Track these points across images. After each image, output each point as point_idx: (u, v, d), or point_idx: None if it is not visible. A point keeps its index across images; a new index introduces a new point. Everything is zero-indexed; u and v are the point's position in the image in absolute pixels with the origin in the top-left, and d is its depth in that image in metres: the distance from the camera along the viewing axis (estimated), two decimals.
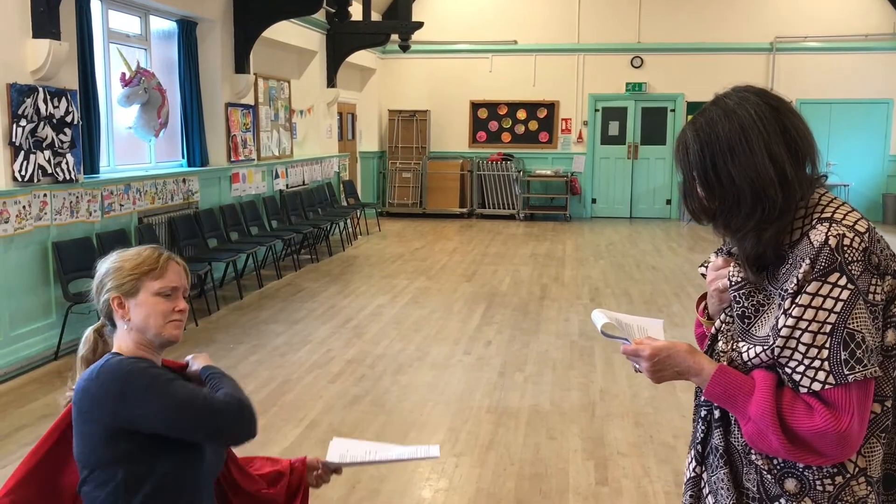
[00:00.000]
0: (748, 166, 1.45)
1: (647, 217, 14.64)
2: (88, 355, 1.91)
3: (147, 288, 1.82)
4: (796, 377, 1.41)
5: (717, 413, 1.59)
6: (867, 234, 1.43)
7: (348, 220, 11.46)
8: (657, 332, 1.68)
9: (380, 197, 14.87)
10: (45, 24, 5.54)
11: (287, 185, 10.21)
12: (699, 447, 1.64)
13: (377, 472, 3.83)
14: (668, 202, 14.62)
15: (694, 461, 1.65)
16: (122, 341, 1.85)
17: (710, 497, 1.61)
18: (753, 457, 1.52)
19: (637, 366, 1.59)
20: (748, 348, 1.50)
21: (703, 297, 1.73)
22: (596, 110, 14.58)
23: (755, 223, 1.46)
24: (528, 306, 7.39)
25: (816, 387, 1.39)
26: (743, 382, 1.48)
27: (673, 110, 14.37)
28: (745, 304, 1.54)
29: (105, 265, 1.88)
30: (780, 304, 1.47)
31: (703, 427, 1.63)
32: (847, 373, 1.38)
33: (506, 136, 14.86)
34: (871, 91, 13.69)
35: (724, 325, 1.60)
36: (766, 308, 1.52)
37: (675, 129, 14.32)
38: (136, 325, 1.82)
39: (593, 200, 14.84)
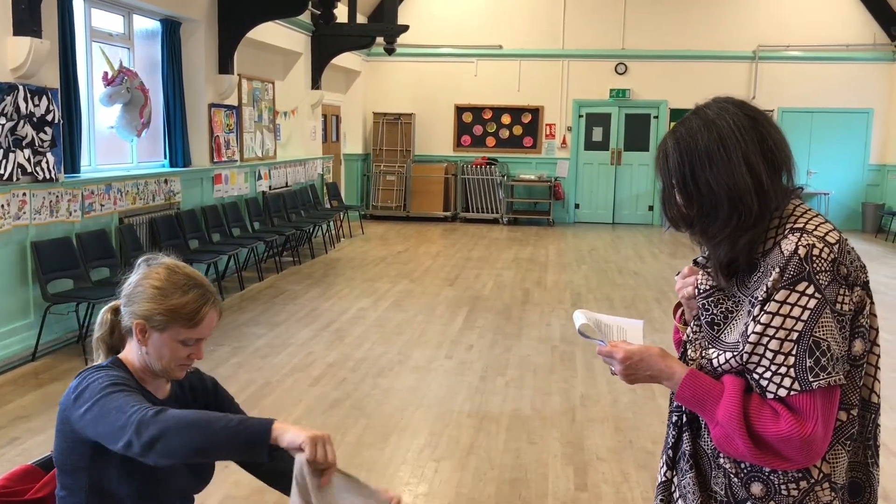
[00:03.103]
0: (725, 175, 1.48)
1: (629, 223, 14.71)
2: (106, 337, 1.85)
3: (175, 333, 1.74)
4: (763, 383, 1.44)
5: (685, 418, 1.62)
6: (837, 246, 1.46)
7: (331, 223, 11.42)
8: (636, 333, 1.70)
9: (363, 199, 14.85)
10: (26, 21, 5.49)
11: (270, 187, 10.17)
12: (670, 452, 1.67)
13: (357, 476, 3.81)
14: (651, 208, 14.70)
15: (665, 466, 1.68)
16: (132, 355, 1.81)
17: (679, 501, 1.63)
18: (722, 460, 1.55)
19: (612, 368, 1.62)
20: (718, 354, 1.53)
21: (680, 303, 1.75)
22: (580, 116, 14.64)
23: (731, 231, 1.49)
24: (511, 310, 7.41)
25: (782, 393, 1.42)
26: (712, 387, 1.51)
27: (656, 117, 14.46)
28: (714, 312, 1.57)
29: (147, 281, 1.77)
30: (749, 311, 1.50)
31: (674, 432, 1.66)
32: (812, 380, 1.40)
33: (490, 141, 14.88)
34: (852, 100, 13.85)
35: (692, 333, 1.63)
36: (734, 315, 1.54)
37: (659, 136, 14.41)
38: (149, 356, 1.77)
39: (576, 205, 14.90)
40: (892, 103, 13.80)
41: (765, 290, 1.45)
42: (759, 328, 1.44)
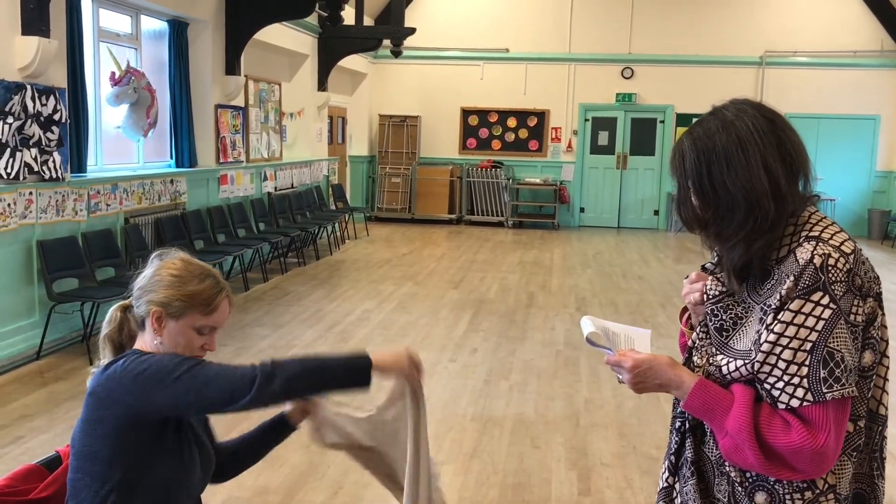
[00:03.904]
0: (743, 177, 1.46)
1: (634, 227, 14.69)
2: (114, 335, 1.87)
3: (191, 319, 1.79)
4: (775, 393, 1.42)
5: (688, 424, 1.61)
6: (852, 256, 1.44)
7: (336, 224, 11.43)
8: (644, 342, 1.69)
9: (369, 201, 14.86)
10: (34, 21, 5.51)
11: (276, 188, 10.18)
12: (673, 458, 1.66)
13: (361, 479, 3.81)
14: (656, 213, 14.67)
15: (667, 472, 1.67)
16: (146, 348, 1.82)
17: None
18: (726, 468, 1.53)
19: (620, 376, 1.60)
20: (727, 362, 1.51)
21: (687, 307, 1.74)
22: (586, 120, 14.63)
23: (746, 234, 1.47)
24: (515, 314, 7.40)
25: (794, 403, 1.40)
26: (722, 396, 1.49)
27: (662, 121, 14.44)
28: (723, 317, 1.55)
29: (165, 270, 1.82)
30: (761, 319, 1.48)
31: (677, 438, 1.65)
32: (825, 391, 1.39)
33: (496, 144, 14.88)
34: (859, 107, 13.81)
35: (698, 340, 1.62)
36: (744, 321, 1.53)
37: (665, 141, 14.39)
38: (163, 345, 1.80)
39: (581, 209, 14.88)
40: None
41: (778, 297, 1.43)
42: (772, 337, 1.42)
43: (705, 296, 1.60)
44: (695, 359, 1.60)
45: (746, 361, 1.47)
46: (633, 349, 1.62)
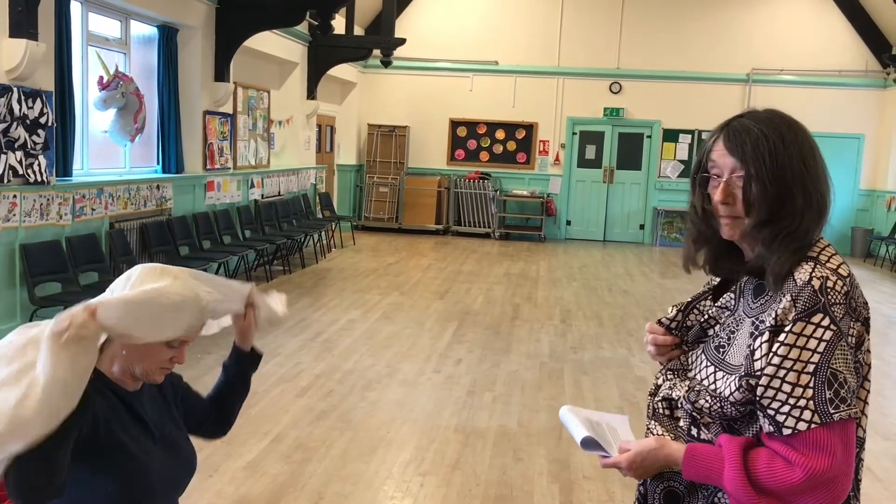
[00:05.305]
0: (821, 180, 1.50)
1: (620, 241, 14.75)
2: None
3: None
4: (780, 418, 1.40)
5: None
6: (848, 279, 1.45)
7: (323, 233, 11.41)
8: (625, 429, 1.71)
9: (356, 210, 14.84)
10: (22, 23, 5.48)
11: (262, 195, 10.15)
12: (641, 488, 1.67)
13: (342, 489, 3.79)
14: (642, 227, 14.75)
15: (636, 503, 1.69)
16: (111, 358, 1.75)
17: None
18: (703, 491, 1.54)
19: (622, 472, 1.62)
20: (726, 380, 1.50)
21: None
22: (574, 133, 14.70)
23: (803, 233, 1.47)
24: (500, 326, 7.40)
25: (802, 426, 1.38)
26: (712, 460, 1.48)
27: (649, 136, 14.52)
28: (721, 335, 1.56)
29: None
30: (751, 333, 1.48)
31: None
32: (832, 411, 1.38)
33: (484, 155, 14.92)
34: (843, 126, 13.95)
35: (663, 378, 1.66)
36: (735, 335, 1.53)
37: (651, 155, 14.48)
38: (130, 357, 1.73)
39: (568, 222, 14.94)
40: (882, 129, 13.92)
41: (773, 316, 1.43)
42: (776, 360, 1.41)
43: (700, 323, 1.63)
44: (672, 394, 1.61)
45: (741, 376, 1.46)
46: (624, 442, 1.63)
